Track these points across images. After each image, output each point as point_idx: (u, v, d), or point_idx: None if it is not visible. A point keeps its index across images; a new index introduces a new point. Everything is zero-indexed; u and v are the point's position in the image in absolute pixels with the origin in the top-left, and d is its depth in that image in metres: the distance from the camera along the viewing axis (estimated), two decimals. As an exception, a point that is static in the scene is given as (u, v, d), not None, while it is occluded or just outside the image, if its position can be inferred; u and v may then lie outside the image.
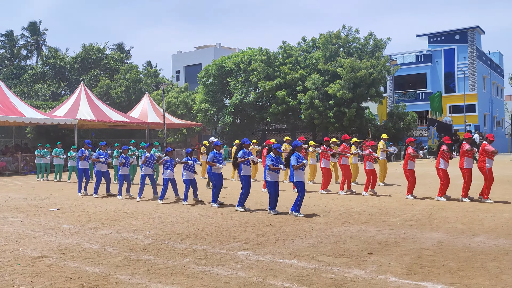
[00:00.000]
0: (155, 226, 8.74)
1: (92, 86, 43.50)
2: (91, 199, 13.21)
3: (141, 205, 11.70)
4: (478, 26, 43.14)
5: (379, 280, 5.22)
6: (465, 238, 7.22)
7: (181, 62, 57.23)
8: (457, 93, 42.79)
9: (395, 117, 35.44)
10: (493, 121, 48.50)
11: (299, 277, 5.39)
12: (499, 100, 52.43)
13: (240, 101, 35.61)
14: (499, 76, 52.61)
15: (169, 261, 6.21)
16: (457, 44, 43.53)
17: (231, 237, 7.60)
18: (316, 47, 35.71)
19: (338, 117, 31.80)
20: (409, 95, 45.03)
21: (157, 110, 35.30)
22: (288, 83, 33.54)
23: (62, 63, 49.02)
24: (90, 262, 6.24)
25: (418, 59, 44.94)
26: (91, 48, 48.85)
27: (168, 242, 7.38)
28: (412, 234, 7.58)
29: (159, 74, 47.96)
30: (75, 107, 29.61)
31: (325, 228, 8.22)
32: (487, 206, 10.36)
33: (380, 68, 31.59)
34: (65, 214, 10.47)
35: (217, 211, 10.34)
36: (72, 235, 8.11)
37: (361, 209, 10.26)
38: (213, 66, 37.97)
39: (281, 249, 6.74)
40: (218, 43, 56.65)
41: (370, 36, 33.82)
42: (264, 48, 35.72)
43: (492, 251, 6.38)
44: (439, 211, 9.74)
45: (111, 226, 8.84)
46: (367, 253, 6.39)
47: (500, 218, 8.80)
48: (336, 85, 31.25)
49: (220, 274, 5.57)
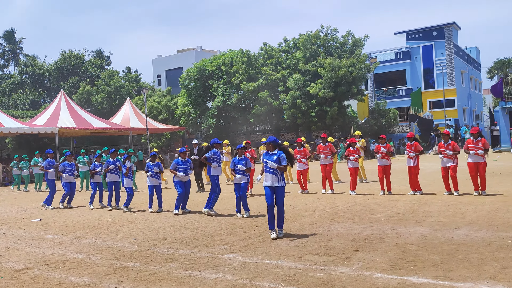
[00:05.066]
0: (140, 233, 8.67)
1: (72, 93, 42.99)
2: (75, 209, 13.04)
3: (126, 212, 11.59)
4: (454, 22, 43.85)
5: (365, 277, 5.27)
6: (448, 231, 7.35)
7: (162, 66, 56.89)
8: (437, 89, 43.43)
9: (377, 114, 35.85)
10: (472, 115, 49.34)
11: (286, 277, 5.41)
12: (478, 94, 53.37)
13: (222, 104, 35.59)
14: (477, 71, 53.56)
15: (155, 267, 6.17)
16: (435, 40, 44.20)
17: (217, 241, 7.59)
18: (297, 47, 35.92)
19: (320, 116, 32.05)
20: (390, 92, 45.54)
21: (139, 115, 35.04)
22: (270, 84, 33.65)
23: (41, 71, 48.33)
24: (75, 272, 6.16)
25: (397, 56, 45.48)
26: (70, 55, 48.27)
27: (154, 248, 7.33)
28: (397, 229, 7.68)
29: (140, 79, 47.62)
30: (56, 115, 29.19)
31: (310, 227, 8.27)
32: (468, 199, 10.54)
33: (359, 66, 31.94)
34: (48, 225, 10.32)
35: (202, 215, 10.30)
36: (56, 245, 8.00)
37: (346, 207, 10.34)
38: (194, 69, 37.88)
39: (267, 250, 6.76)
40: (199, 46, 56.47)
41: (349, 35, 34.19)
42: (245, 50, 35.82)
43: (475, 243, 6.50)
44: (422, 206, 9.88)
45: (96, 235, 8.75)
46: (352, 250, 6.45)
47: (481, 211, 8.97)
48: (317, 84, 31.49)
49: (207, 278, 5.57)
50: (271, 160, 7.62)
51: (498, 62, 53.16)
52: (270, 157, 7.71)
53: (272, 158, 7.66)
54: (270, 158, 7.68)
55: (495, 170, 16.52)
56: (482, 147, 10.91)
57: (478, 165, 11.01)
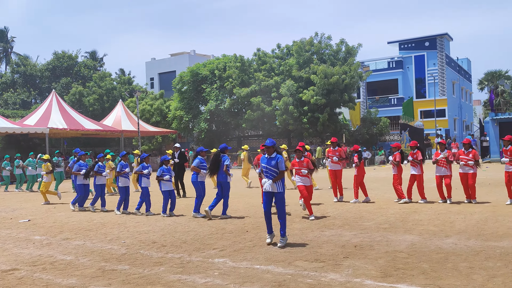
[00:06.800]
0: (130, 235, 8.61)
1: (64, 94, 42.67)
2: (65, 210, 12.92)
3: (115, 215, 11.50)
4: (447, 33, 44.37)
5: (355, 284, 5.28)
6: (437, 240, 7.39)
7: (155, 69, 56.76)
8: (428, 98, 43.84)
9: (368, 122, 36.06)
10: (463, 125, 49.83)
11: (276, 282, 5.40)
12: (468, 105, 53.93)
13: (215, 108, 35.57)
14: (468, 82, 54.16)
15: (144, 270, 6.13)
16: (427, 50, 44.65)
17: (207, 245, 7.56)
18: (290, 54, 36.08)
19: (312, 123, 32.15)
20: (382, 100, 45.87)
21: (131, 118, 34.85)
22: (263, 89, 33.72)
23: (33, 71, 47.94)
24: (63, 274, 6.10)
25: (389, 65, 45.88)
26: (63, 56, 47.95)
27: (143, 251, 7.28)
28: (387, 237, 7.70)
29: (133, 81, 47.43)
30: (47, 115, 28.92)
31: (301, 233, 8.27)
32: (458, 208, 10.62)
33: (352, 74, 32.13)
34: (36, 225, 10.21)
35: (192, 219, 10.26)
36: (44, 246, 7.92)
37: (337, 214, 10.36)
38: (187, 73, 37.84)
39: (257, 255, 6.75)
40: (193, 50, 56.46)
41: (342, 43, 34.42)
42: (238, 55, 35.87)
43: (464, 252, 6.54)
44: (412, 214, 9.93)
45: (85, 237, 8.67)
46: (342, 257, 6.46)
47: (470, 220, 9.04)
48: (310, 91, 31.62)
49: (197, 282, 5.54)
50: (270, 165, 7.43)
51: (489, 74, 53.87)
52: (269, 161, 7.48)
53: (271, 163, 7.45)
54: (269, 163, 7.46)
55: (484, 180, 16.67)
56: (472, 159, 11.13)
57: (467, 175, 11.22)
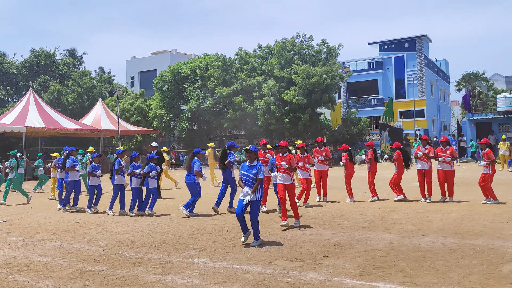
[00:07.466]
0: (108, 236, 8.49)
1: (41, 93, 41.92)
2: (42, 210, 12.68)
3: (94, 215, 11.34)
4: (426, 35, 45.05)
5: (334, 282, 5.31)
6: (415, 238, 7.49)
7: (136, 68, 56.17)
8: (407, 99, 44.43)
9: (349, 123, 36.37)
10: (441, 125, 50.67)
11: (255, 282, 5.39)
12: (446, 105, 54.87)
13: (196, 107, 35.41)
14: (446, 83, 55.09)
15: (123, 272, 6.05)
16: (406, 52, 45.26)
17: (187, 245, 7.51)
18: (272, 54, 36.16)
19: (293, 123, 32.29)
20: (362, 101, 46.31)
21: (111, 117, 34.42)
22: (244, 89, 33.71)
23: (9, 69, 46.94)
24: (38, 276, 5.98)
25: (370, 66, 46.35)
26: (41, 53, 47.07)
27: (122, 252, 7.19)
28: (366, 236, 7.77)
29: (113, 80, 46.84)
30: (23, 114, 28.34)
31: (281, 232, 8.28)
32: (435, 206, 10.79)
33: (333, 74, 32.37)
34: (12, 226, 9.99)
35: (172, 219, 10.18)
36: (19, 247, 7.75)
37: (317, 213, 10.41)
38: (169, 72, 37.57)
39: (238, 255, 6.73)
40: (174, 48, 56.06)
41: (323, 43, 34.67)
42: (220, 54, 35.76)
43: (440, 250, 6.64)
44: (391, 213, 10.05)
45: (62, 238, 8.51)
46: (322, 256, 6.49)
47: (447, 218, 9.19)
48: (291, 91, 31.73)
49: (176, 283, 5.49)
50: (251, 173, 7.34)
51: (466, 75, 54.87)
52: (249, 169, 7.41)
53: (251, 172, 7.37)
54: (250, 171, 7.39)
55: (461, 179, 16.97)
56: (450, 155, 11.39)
57: (446, 173, 11.49)
